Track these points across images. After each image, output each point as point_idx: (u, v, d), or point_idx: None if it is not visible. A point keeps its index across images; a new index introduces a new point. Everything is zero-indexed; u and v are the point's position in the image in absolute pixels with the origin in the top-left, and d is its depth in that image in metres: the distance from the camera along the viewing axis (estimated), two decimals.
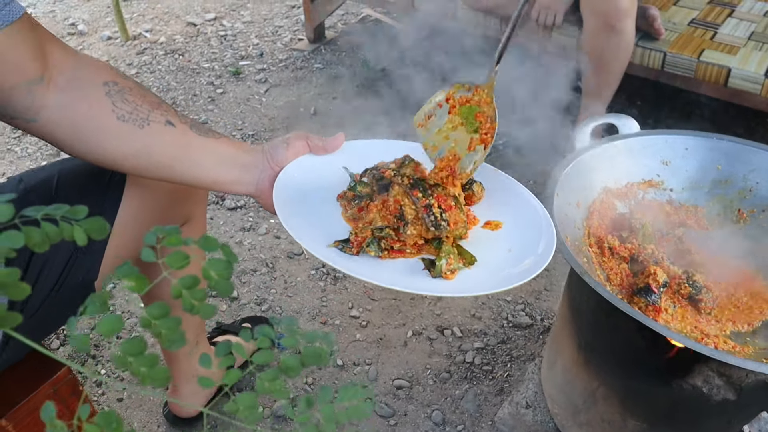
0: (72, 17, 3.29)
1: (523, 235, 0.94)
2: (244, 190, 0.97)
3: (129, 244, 1.10)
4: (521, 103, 1.59)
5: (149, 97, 0.92)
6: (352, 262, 0.87)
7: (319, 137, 1.02)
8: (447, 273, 0.87)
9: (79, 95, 0.86)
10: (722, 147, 1.28)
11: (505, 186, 1.03)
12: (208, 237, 0.50)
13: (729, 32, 2.20)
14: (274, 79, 2.78)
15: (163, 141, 0.91)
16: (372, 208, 0.93)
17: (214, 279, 0.48)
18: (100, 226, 0.48)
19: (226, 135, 0.99)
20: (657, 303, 1.02)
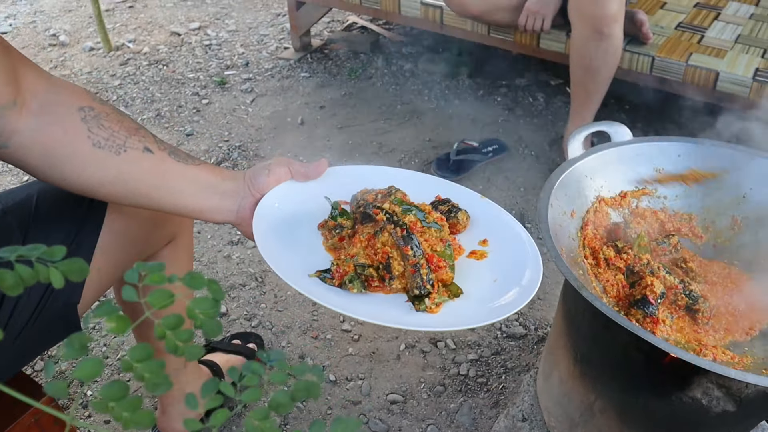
0: (53, 28, 3.24)
1: (509, 265, 0.92)
2: (224, 218, 0.95)
3: (112, 266, 1.07)
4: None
5: (127, 122, 0.89)
6: (332, 293, 0.85)
7: (302, 163, 1.00)
8: (432, 307, 0.85)
9: (53, 120, 0.83)
10: (715, 153, 1.26)
11: (489, 213, 1.01)
12: (194, 274, 0.48)
13: (716, 35, 2.20)
14: (260, 89, 2.76)
15: (141, 168, 0.88)
16: (356, 242, 0.90)
17: (199, 318, 0.46)
18: (79, 268, 0.45)
19: (205, 161, 0.96)
20: (655, 314, 1.01)
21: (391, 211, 0.91)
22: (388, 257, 0.88)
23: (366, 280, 0.88)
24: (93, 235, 1.01)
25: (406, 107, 2.63)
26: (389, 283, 0.88)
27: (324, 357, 1.64)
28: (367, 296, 0.87)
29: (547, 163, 2.30)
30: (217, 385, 0.49)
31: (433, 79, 2.78)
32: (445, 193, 1.03)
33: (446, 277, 0.89)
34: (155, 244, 1.17)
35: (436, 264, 0.88)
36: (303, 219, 0.96)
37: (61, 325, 0.99)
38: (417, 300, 0.86)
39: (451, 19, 2.42)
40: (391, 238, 0.89)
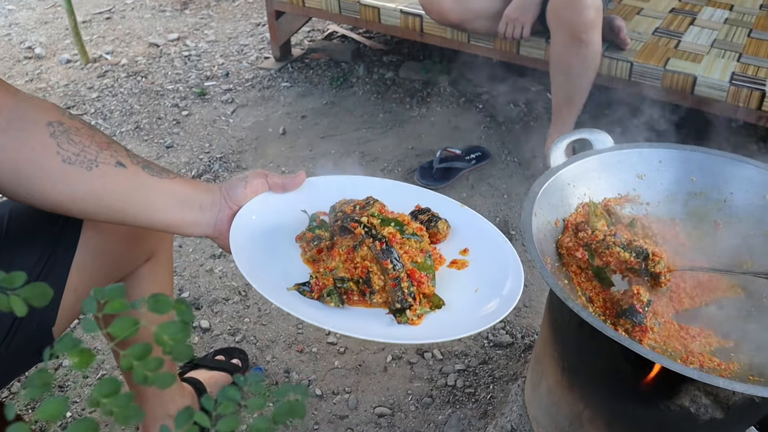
0: (29, 40, 3.20)
1: (490, 274, 0.92)
2: (202, 231, 0.93)
3: (89, 285, 1.04)
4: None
5: (98, 137, 0.87)
6: (313, 308, 0.84)
7: (279, 175, 0.99)
8: (413, 319, 0.84)
9: (20, 136, 0.80)
10: (695, 158, 1.27)
11: (470, 222, 1.01)
12: (159, 297, 0.46)
13: (692, 40, 2.22)
14: (240, 99, 2.73)
15: (113, 183, 0.86)
16: (335, 255, 0.89)
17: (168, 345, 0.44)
18: (42, 293, 0.43)
19: (180, 174, 0.94)
20: (643, 323, 1.00)
21: (370, 224, 0.90)
22: (368, 272, 0.87)
23: (345, 293, 0.87)
24: (68, 254, 0.99)
25: (388, 116, 2.62)
26: (369, 297, 0.86)
27: (310, 371, 1.62)
28: (348, 310, 0.86)
29: (530, 169, 2.30)
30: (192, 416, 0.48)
31: (414, 87, 2.78)
32: (424, 202, 1.03)
33: (428, 290, 0.88)
34: (134, 261, 1.15)
35: (417, 279, 0.87)
36: (280, 231, 0.95)
37: (36, 348, 0.96)
38: (398, 313, 0.85)
39: (431, 28, 2.42)
40: (370, 253, 0.87)
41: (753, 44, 2.19)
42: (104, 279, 1.09)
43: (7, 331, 0.92)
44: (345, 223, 0.91)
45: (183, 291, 1.84)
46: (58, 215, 0.99)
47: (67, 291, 0.98)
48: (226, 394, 0.48)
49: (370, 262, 0.87)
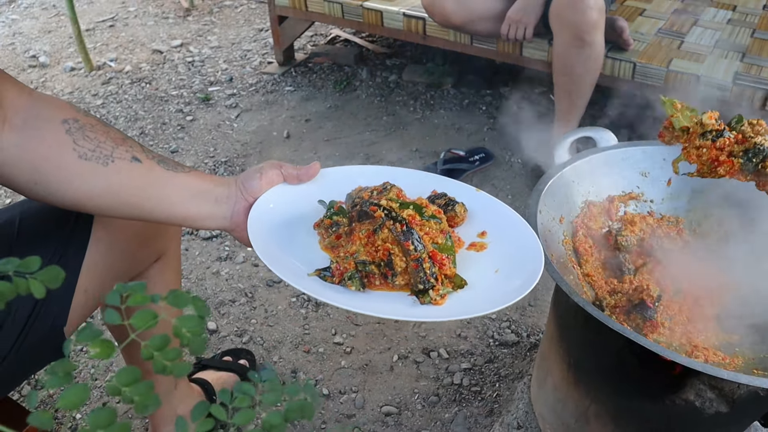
0: (33, 49, 3.22)
1: (509, 255, 0.92)
2: (218, 224, 0.93)
3: (99, 286, 1.05)
4: None
5: (113, 133, 0.87)
6: (336, 292, 0.84)
7: (293, 166, 0.99)
8: (436, 299, 0.84)
9: (36, 134, 0.82)
10: None
11: (486, 205, 1.02)
12: (178, 292, 0.47)
13: (695, 41, 2.23)
14: (244, 104, 2.75)
15: (130, 178, 0.86)
16: (355, 239, 0.89)
17: (186, 337, 0.45)
18: (55, 275, 0.45)
19: (195, 168, 0.95)
20: (653, 318, 1.01)
21: (389, 207, 0.90)
22: (389, 254, 0.87)
23: (366, 277, 0.87)
24: (78, 255, 1.00)
25: (391, 118, 2.63)
26: (392, 279, 0.86)
27: (316, 371, 1.62)
28: (370, 293, 0.87)
29: (533, 170, 2.31)
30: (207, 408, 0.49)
31: (417, 90, 2.79)
32: (440, 188, 1.04)
33: (449, 272, 0.88)
34: (142, 263, 1.16)
35: (439, 261, 0.87)
36: (297, 220, 0.95)
37: (48, 348, 0.98)
38: (420, 294, 0.85)
39: (434, 30, 2.43)
40: (391, 235, 0.88)
41: (756, 44, 2.20)
42: (114, 279, 1.10)
43: (20, 331, 0.93)
44: (364, 207, 0.91)
45: (190, 293, 1.85)
46: (68, 217, 1.00)
47: (77, 292, 1.00)
48: (242, 388, 0.49)
49: (391, 245, 0.87)
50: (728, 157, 1.06)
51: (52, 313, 0.97)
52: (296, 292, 1.84)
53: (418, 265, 0.85)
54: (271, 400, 0.51)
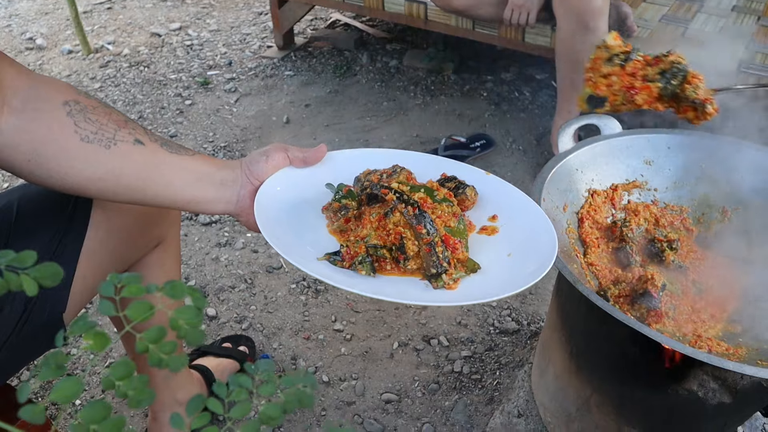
0: (30, 31, 3.19)
1: (522, 238, 0.91)
2: (223, 208, 0.91)
3: (99, 272, 1.04)
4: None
5: (115, 115, 0.86)
6: (347, 277, 0.83)
7: (299, 149, 0.97)
8: (449, 283, 0.83)
9: (37, 117, 0.80)
10: (704, 144, 1.26)
11: (497, 189, 1.00)
12: (174, 283, 0.46)
13: (699, 27, 2.21)
14: (244, 89, 2.73)
15: (132, 162, 0.85)
16: (366, 223, 0.88)
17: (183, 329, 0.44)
18: (53, 272, 0.43)
19: (200, 151, 0.93)
20: (658, 308, 1.00)
21: (400, 190, 0.89)
22: (402, 237, 0.85)
23: (377, 261, 0.86)
24: (77, 242, 0.99)
25: (392, 104, 2.61)
26: (404, 264, 0.85)
27: (316, 358, 1.62)
28: (381, 278, 0.85)
29: (535, 157, 2.30)
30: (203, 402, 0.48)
31: (418, 75, 2.77)
32: (450, 171, 1.02)
33: (462, 256, 0.87)
34: (142, 249, 1.15)
35: (452, 245, 0.86)
36: (305, 204, 0.94)
37: (47, 335, 0.97)
38: (433, 278, 0.84)
39: (436, 15, 2.41)
40: (402, 218, 0.86)
41: (762, 31, 2.18)
42: (113, 266, 1.09)
43: (19, 318, 0.92)
44: (375, 190, 0.89)
45: (189, 279, 1.84)
46: (66, 203, 0.99)
47: (76, 279, 0.99)
48: (238, 380, 0.48)
49: (403, 228, 0.86)
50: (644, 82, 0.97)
51: (51, 299, 0.96)
52: (296, 278, 1.83)
53: (430, 249, 0.84)
54: (267, 392, 0.50)
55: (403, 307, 1.73)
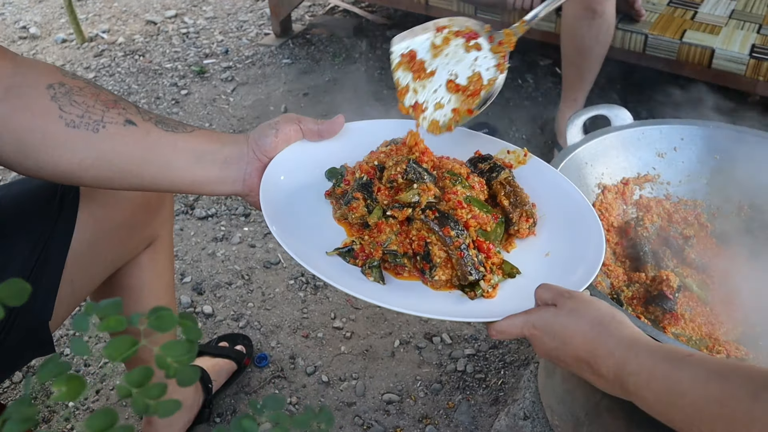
0: (23, 20, 3.12)
1: (563, 236, 0.81)
2: (230, 189, 0.84)
3: (87, 277, 0.99)
4: None
5: (103, 95, 0.79)
6: (369, 286, 0.74)
7: (314, 120, 0.88)
8: (488, 290, 0.74)
9: (20, 104, 0.74)
10: (719, 135, 1.21)
11: (536, 172, 0.88)
12: (162, 313, 0.40)
13: (709, 11, 2.14)
14: (241, 77, 2.66)
15: (124, 144, 0.78)
16: (383, 227, 0.78)
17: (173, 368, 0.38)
18: (18, 291, 0.38)
19: (201, 127, 0.85)
20: (674, 309, 0.95)
21: (411, 202, 0.79)
22: (426, 243, 0.76)
23: (394, 268, 0.77)
24: (63, 245, 0.94)
25: (392, 92, 2.54)
26: (430, 274, 0.76)
27: (315, 356, 1.58)
28: (403, 282, 0.77)
29: (539, 146, 2.24)
30: None
31: None
32: (484, 148, 0.91)
33: (497, 259, 0.78)
34: (133, 250, 1.10)
35: (486, 250, 0.77)
36: (318, 186, 0.85)
37: (32, 343, 0.92)
38: (469, 287, 0.75)
39: (437, 0, 2.34)
40: (425, 225, 0.77)
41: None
42: (102, 269, 1.05)
43: (2, 326, 0.87)
44: (387, 212, 0.79)
45: (185, 276, 1.79)
46: (51, 203, 0.94)
47: (63, 283, 0.94)
48: (242, 424, 0.42)
49: (428, 233, 0.77)
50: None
51: (35, 307, 0.91)
52: (294, 273, 1.78)
53: (462, 252, 0.74)
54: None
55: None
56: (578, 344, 0.66)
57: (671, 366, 0.61)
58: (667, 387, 0.61)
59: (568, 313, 0.67)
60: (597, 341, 0.65)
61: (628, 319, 0.67)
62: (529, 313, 0.70)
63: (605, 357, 0.64)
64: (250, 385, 1.51)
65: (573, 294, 0.69)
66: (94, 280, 1.04)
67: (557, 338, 0.67)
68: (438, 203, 0.79)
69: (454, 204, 0.78)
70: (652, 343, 0.64)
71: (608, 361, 0.64)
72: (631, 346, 0.64)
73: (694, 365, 0.60)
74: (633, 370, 0.63)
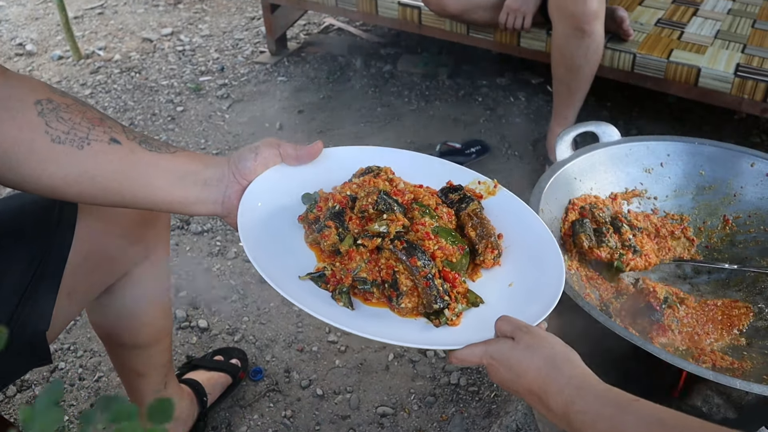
0: (19, 37, 3.15)
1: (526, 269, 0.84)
2: (208, 209, 0.86)
3: (84, 288, 1.01)
4: None
5: (90, 113, 0.81)
6: (341, 312, 0.77)
7: (293, 145, 0.91)
8: (452, 319, 0.77)
9: (7, 117, 0.76)
10: (704, 152, 1.24)
11: (503, 204, 0.92)
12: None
13: (695, 31, 2.19)
14: (236, 94, 2.69)
15: (107, 162, 0.80)
16: (354, 255, 0.81)
17: None
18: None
19: (184, 148, 0.88)
20: (661, 321, 0.97)
21: (380, 232, 0.82)
22: (394, 272, 0.79)
23: (363, 294, 0.80)
24: (61, 257, 0.95)
25: (386, 109, 2.58)
26: (397, 302, 0.78)
27: (310, 370, 1.59)
28: (373, 309, 0.79)
29: (531, 162, 2.27)
30: None
31: (412, 81, 2.74)
32: (455, 178, 0.94)
33: (461, 288, 0.81)
34: (129, 262, 1.11)
35: (450, 279, 0.80)
36: (294, 210, 0.88)
37: (29, 354, 0.93)
38: (434, 315, 0.78)
39: (430, 19, 2.38)
40: (393, 255, 0.80)
41: (757, 35, 2.16)
42: (99, 281, 1.06)
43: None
44: (359, 240, 0.82)
45: (180, 290, 1.81)
46: (50, 217, 0.96)
47: (60, 295, 0.95)
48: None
49: (396, 262, 0.79)
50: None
51: (34, 317, 0.92)
52: None
53: (429, 282, 0.77)
54: None
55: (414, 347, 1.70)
56: (531, 378, 0.70)
57: (617, 409, 0.65)
58: (612, 428, 0.64)
59: (524, 348, 0.71)
60: (549, 378, 0.69)
61: (580, 360, 0.72)
62: (488, 344, 0.73)
63: (555, 393, 0.68)
64: (245, 399, 1.52)
65: (530, 329, 0.73)
66: (91, 292, 1.05)
67: (512, 371, 0.71)
68: (406, 233, 0.82)
69: (422, 235, 0.81)
70: (599, 386, 0.68)
71: (558, 398, 0.68)
72: (580, 387, 0.68)
73: (638, 411, 0.64)
74: (580, 409, 0.67)
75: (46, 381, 1.56)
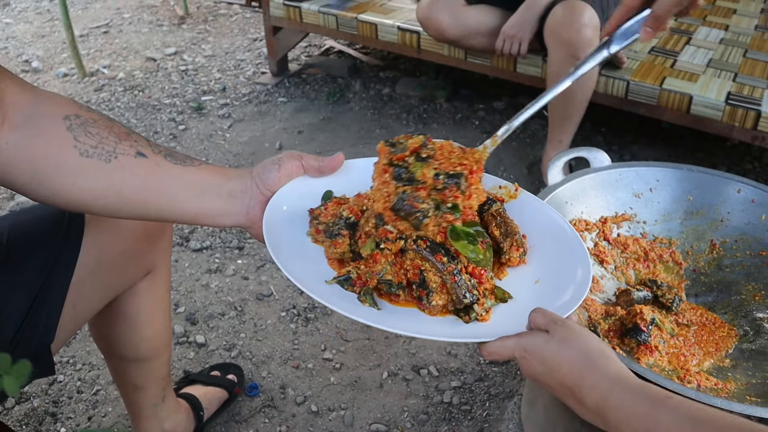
0: (26, 54, 3.20)
1: (551, 264, 0.85)
2: (233, 221, 0.88)
3: (88, 301, 1.04)
4: None
5: (116, 127, 0.84)
6: (364, 308, 0.78)
7: (315, 157, 0.93)
8: (482, 314, 0.78)
9: (36, 132, 0.78)
10: (692, 178, 1.28)
11: (525, 205, 0.93)
12: None
13: (688, 59, 2.24)
14: (237, 114, 2.74)
15: (134, 175, 0.82)
16: (379, 258, 0.82)
17: None
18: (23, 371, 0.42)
19: (207, 162, 0.90)
20: (647, 342, 1.00)
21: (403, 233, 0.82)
22: (421, 271, 0.79)
23: (389, 295, 0.81)
24: (68, 271, 0.98)
25: (384, 131, 2.63)
26: (427, 300, 0.79)
27: (305, 387, 1.61)
28: (402, 310, 0.80)
29: (526, 185, 2.31)
30: None
31: (410, 103, 2.79)
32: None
33: (489, 285, 0.82)
34: (132, 277, 1.14)
35: (477, 275, 0.80)
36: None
37: (35, 364, 0.95)
38: (463, 312, 0.78)
39: (429, 44, 2.44)
40: (417, 255, 0.80)
41: (748, 64, 2.21)
42: (103, 294, 1.09)
43: (7, 347, 0.91)
44: (381, 244, 0.82)
45: (179, 306, 1.83)
46: (57, 231, 0.99)
47: (66, 307, 0.98)
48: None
49: (421, 261, 0.80)
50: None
51: (39, 328, 0.95)
52: (285, 306, 1.82)
53: (456, 277, 0.78)
54: None
55: (393, 336, 1.72)
56: (565, 372, 0.69)
57: (651, 405, 0.64)
58: (645, 425, 0.64)
59: (559, 341, 0.70)
60: (583, 372, 0.68)
61: (615, 355, 0.71)
62: (521, 336, 0.73)
63: (590, 388, 0.68)
64: (241, 414, 1.54)
65: (566, 323, 0.72)
66: (95, 305, 1.08)
67: (546, 364, 0.70)
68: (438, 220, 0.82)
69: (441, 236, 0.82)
70: (635, 382, 0.67)
71: (592, 393, 0.68)
72: (616, 382, 0.67)
73: (671, 407, 0.64)
74: (614, 405, 0.66)
75: (45, 393, 1.58)
